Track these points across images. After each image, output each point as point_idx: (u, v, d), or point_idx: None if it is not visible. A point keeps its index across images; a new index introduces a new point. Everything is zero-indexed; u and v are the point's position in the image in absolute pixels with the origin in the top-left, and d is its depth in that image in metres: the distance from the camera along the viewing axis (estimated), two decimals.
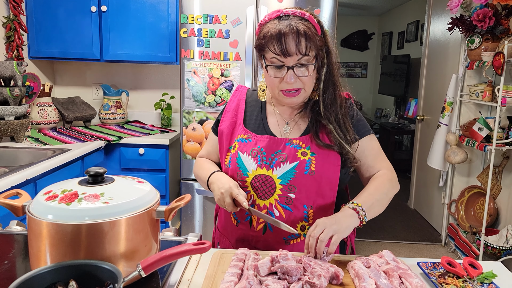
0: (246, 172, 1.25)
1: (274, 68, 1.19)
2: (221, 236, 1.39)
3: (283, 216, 1.23)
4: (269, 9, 2.59)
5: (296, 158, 1.23)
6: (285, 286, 0.92)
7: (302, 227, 1.25)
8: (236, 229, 1.31)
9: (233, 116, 1.35)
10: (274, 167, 1.23)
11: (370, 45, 8.09)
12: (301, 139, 1.25)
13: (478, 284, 1.01)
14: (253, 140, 1.27)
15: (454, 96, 3.35)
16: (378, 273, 0.99)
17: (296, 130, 1.29)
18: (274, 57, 1.18)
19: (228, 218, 1.34)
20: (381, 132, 6.40)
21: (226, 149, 1.33)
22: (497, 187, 3.12)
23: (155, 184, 2.75)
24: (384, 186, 1.25)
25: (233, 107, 1.37)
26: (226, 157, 1.32)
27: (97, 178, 0.94)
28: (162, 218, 0.97)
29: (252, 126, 1.31)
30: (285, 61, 1.17)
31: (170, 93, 3.39)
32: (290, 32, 1.14)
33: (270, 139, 1.26)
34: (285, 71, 1.18)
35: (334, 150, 1.23)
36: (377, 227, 3.98)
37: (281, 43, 1.15)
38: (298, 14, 1.19)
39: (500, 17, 2.86)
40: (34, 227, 0.87)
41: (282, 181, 1.22)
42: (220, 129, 1.35)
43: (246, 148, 1.27)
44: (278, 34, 1.15)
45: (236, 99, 1.38)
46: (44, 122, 2.94)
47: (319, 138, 1.24)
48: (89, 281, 0.81)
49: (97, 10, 2.98)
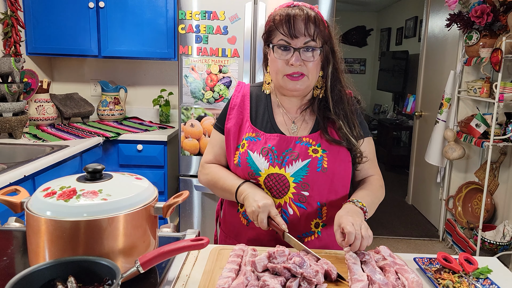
0: (258, 171, 1.24)
1: (281, 49, 1.19)
2: (228, 238, 1.37)
3: (297, 214, 1.24)
4: (267, 5, 2.59)
5: (308, 155, 1.23)
6: (282, 282, 0.93)
7: (316, 224, 1.26)
8: (246, 229, 1.30)
9: (239, 114, 1.32)
10: (286, 165, 1.23)
11: (368, 41, 8.08)
12: (310, 137, 1.25)
13: (474, 279, 1.02)
14: (263, 138, 1.26)
15: (452, 92, 3.35)
16: (373, 268, 1.00)
17: (304, 128, 1.29)
18: (282, 39, 1.19)
19: (237, 218, 1.33)
20: (379, 128, 6.41)
21: (234, 147, 1.29)
22: (494, 183, 3.14)
23: (153, 180, 2.76)
24: (379, 192, 1.31)
25: (238, 103, 1.33)
26: (234, 156, 1.28)
27: (95, 175, 0.94)
28: (160, 215, 0.98)
29: (260, 124, 1.29)
30: (292, 43, 1.18)
31: (168, 90, 3.38)
32: (299, 15, 1.17)
33: (280, 137, 1.25)
34: (291, 53, 1.18)
35: (343, 146, 1.24)
36: (375, 223, 4.00)
37: (290, 23, 1.17)
38: (307, 6, 1.22)
39: (498, 13, 2.86)
40: (32, 223, 0.87)
41: (295, 179, 1.23)
42: (227, 128, 1.31)
43: (256, 147, 1.25)
44: (287, 15, 1.18)
45: (240, 95, 1.34)
46: (42, 119, 2.94)
47: (328, 134, 1.25)
48: (88, 277, 0.81)
49: (94, 6, 2.97)
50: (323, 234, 1.27)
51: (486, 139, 2.86)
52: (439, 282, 1.00)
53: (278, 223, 1.14)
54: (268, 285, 0.90)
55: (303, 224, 1.24)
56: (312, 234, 1.26)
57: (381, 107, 7.23)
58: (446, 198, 3.59)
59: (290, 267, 0.93)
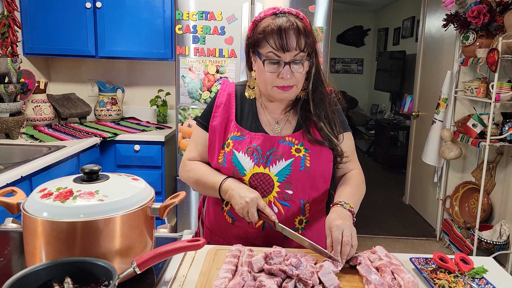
0: (243, 171, 1.25)
1: (271, 63, 1.19)
2: (212, 235, 1.38)
3: (282, 212, 1.26)
4: (264, 5, 2.59)
5: (291, 155, 1.25)
6: (279, 282, 0.93)
7: (300, 221, 1.28)
8: (232, 227, 1.31)
9: (224, 112, 1.32)
10: (270, 165, 1.24)
11: (366, 41, 8.10)
12: (293, 136, 1.27)
13: (469, 279, 1.02)
14: (248, 138, 1.27)
15: (449, 92, 3.36)
16: (369, 269, 1.01)
17: (287, 128, 1.30)
18: (271, 52, 1.17)
19: (221, 216, 1.34)
20: (376, 128, 6.42)
21: (219, 146, 1.30)
22: (491, 183, 3.15)
23: (150, 180, 2.76)
24: (361, 188, 1.33)
25: (224, 102, 1.33)
26: (219, 155, 1.29)
27: (92, 176, 0.94)
28: (157, 215, 0.98)
29: (245, 124, 1.30)
30: (282, 56, 1.17)
31: (165, 90, 3.38)
32: (290, 28, 1.15)
33: (264, 137, 1.26)
34: (281, 67, 1.18)
35: (325, 146, 1.26)
36: (372, 223, 4.01)
37: (282, 37, 1.15)
38: (293, 13, 1.21)
39: (494, 14, 2.87)
40: (29, 224, 0.87)
41: (279, 178, 1.24)
42: (213, 125, 1.31)
43: (241, 147, 1.26)
44: (279, 29, 1.16)
45: (226, 93, 1.34)
46: (39, 119, 2.94)
47: (310, 133, 1.26)
48: (85, 278, 0.81)
49: (91, 6, 2.97)
50: (307, 230, 1.30)
51: (483, 139, 2.87)
52: (435, 282, 1.01)
53: (268, 214, 1.16)
54: (265, 286, 0.90)
55: (288, 221, 1.26)
56: (296, 231, 1.28)
57: (378, 107, 7.24)
58: (443, 198, 3.60)
59: (285, 270, 0.93)
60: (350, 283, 1.00)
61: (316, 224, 1.31)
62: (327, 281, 0.94)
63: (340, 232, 1.08)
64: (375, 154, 6.35)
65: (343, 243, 1.06)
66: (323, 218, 1.27)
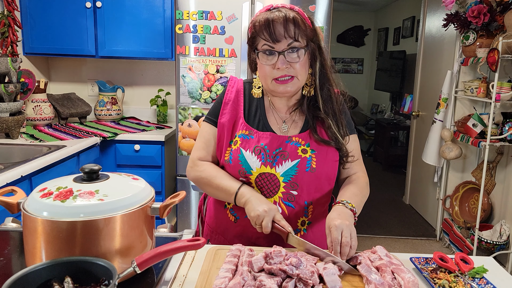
0: (250, 170, 1.24)
1: (265, 55, 1.20)
2: (213, 233, 1.38)
3: (285, 213, 1.25)
4: (264, 5, 2.58)
5: (297, 155, 1.24)
6: (279, 282, 0.93)
7: (302, 222, 1.28)
8: (234, 225, 1.31)
9: (233, 109, 1.31)
10: (277, 165, 1.24)
11: (366, 41, 8.09)
12: (300, 136, 1.26)
13: (469, 279, 1.02)
14: (255, 137, 1.26)
15: (449, 92, 3.36)
16: (369, 268, 1.01)
17: (294, 127, 1.30)
18: (265, 44, 1.19)
19: (224, 215, 1.34)
20: (377, 128, 6.42)
21: (226, 143, 1.29)
22: (491, 183, 3.15)
23: (150, 180, 2.76)
24: (365, 190, 1.32)
25: (232, 99, 1.32)
26: (226, 153, 1.28)
27: (92, 175, 0.94)
28: (157, 215, 0.98)
29: (253, 122, 1.30)
30: (275, 47, 1.18)
31: (165, 89, 3.38)
32: (277, 18, 1.17)
33: (272, 136, 1.26)
34: (276, 57, 1.18)
35: (332, 146, 1.26)
36: (372, 223, 4.01)
37: (270, 28, 1.17)
38: (287, 7, 1.21)
39: (495, 14, 2.87)
40: (29, 224, 0.87)
41: (284, 178, 1.24)
42: (221, 122, 1.30)
43: (248, 145, 1.25)
44: (266, 20, 1.17)
45: (235, 90, 1.33)
46: (39, 119, 2.94)
47: (317, 133, 1.26)
48: (85, 277, 0.81)
49: (92, 6, 2.97)
50: (309, 231, 1.29)
51: (483, 139, 2.87)
52: (435, 282, 1.01)
53: (284, 226, 1.15)
54: (265, 285, 0.90)
55: (290, 222, 1.25)
56: (298, 232, 1.28)
57: (378, 107, 7.24)
58: (443, 197, 3.60)
59: (285, 269, 0.93)
60: (350, 283, 1.00)
61: (318, 226, 1.30)
62: (330, 282, 0.94)
63: (339, 233, 1.07)
64: (375, 154, 6.35)
65: (342, 244, 1.06)
66: (325, 220, 1.27)
